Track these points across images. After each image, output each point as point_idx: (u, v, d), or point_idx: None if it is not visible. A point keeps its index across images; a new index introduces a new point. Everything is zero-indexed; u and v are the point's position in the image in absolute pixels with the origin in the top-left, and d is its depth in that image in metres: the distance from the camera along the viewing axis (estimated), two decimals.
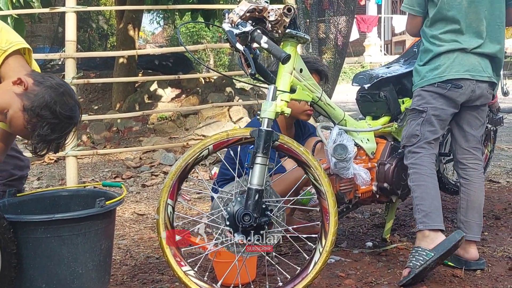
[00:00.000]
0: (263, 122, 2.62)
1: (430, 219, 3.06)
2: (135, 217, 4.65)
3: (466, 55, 3.11)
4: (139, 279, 3.20)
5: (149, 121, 8.90)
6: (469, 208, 3.23)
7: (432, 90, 3.16)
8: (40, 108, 2.36)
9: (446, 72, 3.11)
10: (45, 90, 2.39)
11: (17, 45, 2.49)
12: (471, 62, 3.11)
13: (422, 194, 3.13)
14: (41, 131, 2.38)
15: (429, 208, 3.08)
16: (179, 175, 2.61)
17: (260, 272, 3.15)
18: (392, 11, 29.03)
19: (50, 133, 2.40)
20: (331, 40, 7.97)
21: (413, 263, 2.96)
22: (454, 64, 3.11)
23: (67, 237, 2.55)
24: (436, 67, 3.15)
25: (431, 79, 3.16)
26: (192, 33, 30.03)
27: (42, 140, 2.41)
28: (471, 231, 3.19)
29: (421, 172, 3.17)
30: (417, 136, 3.20)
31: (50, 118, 2.38)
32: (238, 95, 9.55)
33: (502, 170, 5.97)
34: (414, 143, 3.21)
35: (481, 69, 3.12)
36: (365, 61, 25.09)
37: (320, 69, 3.58)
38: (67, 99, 2.45)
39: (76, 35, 5.70)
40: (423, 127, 3.19)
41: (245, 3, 2.59)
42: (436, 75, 3.14)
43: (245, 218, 2.54)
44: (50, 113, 2.38)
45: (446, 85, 3.12)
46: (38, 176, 6.55)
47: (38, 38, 19.50)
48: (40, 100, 2.36)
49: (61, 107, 2.41)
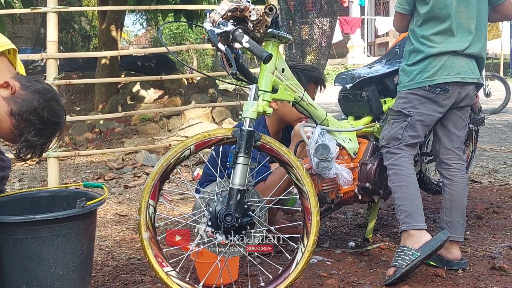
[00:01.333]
0: (245, 122, 2.62)
1: (412, 219, 3.06)
2: (117, 218, 4.62)
3: (456, 58, 3.12)
4: (121, 280, 3.18)
5: (132, 122, 8.87)
6: (453, 208, 3.23)
7: (421, 94, 3.16)
8: (28, 113, 2.33)
9: (437, 75, 3.11)
10: (32, 95, 2.36)
11: (2, 47, 2.44)
12: (461, 65, 3.12)
13: (403, 194, 3.13)
14: (27, 136, 2.35)
15: (410, 208, 3.09)
16: (160, 175, 2.60)
17: (242, 272, 3.14)
18: (375, 13, 29.13)
19: (36, 138, 2.38)
20: (314, 41, 7.98)
21: (399, 262, 2.96)
22: (445, 67, 3.11)
23: (48, 238, 2.52)
24: (426, 69, 3.15)
25: (421, 82, 3.16)
26: (176, 35, 30.01)
27: (28, 145, 2.39)
28: (454, 231, 3.20)
29: (400, 173, 3.17)
30: (398, 139, 3.21)
31: (37, 124, 2.36)
32: (221, 96, 9.55)
33: (484, 170, 6.01)
34: (394, 145, 3.22)
35: (470, 71, 3.13)
36: (348, 63, 25.15)
37: (319, 79, 3.58)
38: (54, 104, 2.43)
39: (59, 36, 5.67)
40: (406, 131, 3.20)
41: (227, 2, 2.59)
42: (427, 78, 3.13)
43: (227, 218, 2.54)
44: (37, 118, 2.35)
45: (435, 89, 3.12)
46: (20, 178, 6.51)
47: (20, 39, 19.37)
48: (28, 105, 2.33)
49: (49, 113, 2.38)
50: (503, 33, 22.36)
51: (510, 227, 3.95)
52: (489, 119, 10.24)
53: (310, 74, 3.47)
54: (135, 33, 38.02)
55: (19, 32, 19.34)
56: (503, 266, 3.16)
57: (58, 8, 5.52)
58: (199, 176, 3.68)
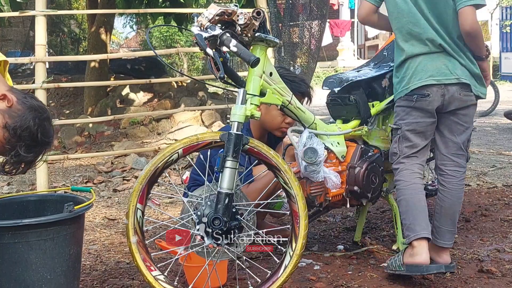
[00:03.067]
0: (233, 126, 2.63)
1: (411, 231, 3.07)
2: (106, 222, 4.61)
3: (431, 59, 3.08)
4: (109, 284, 3.18)
5: (121, 126, 8.85)
6: (443, 214, 3.20)
7: (403, 104, 3.17)
8: (22, 129, 2.30)
9: (410, 82, 3.09)
10: (28, 112, 2.33)
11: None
12: (436, 66, 3.07)
13: (403, 208, 3.17)
14: (19, 151, 2.34)
15: (409, 221, 3.10)
16: (148, 179, 2.60)
17: (231, 276, 3.15)
18: None
19: (26, 155, 2.36)
20: (304, 44, 7.99)
21: (389, 263, 3.14)
22: (417, 71, 3.08)
23: (35, 242, 2.51)
24: (403, 77, 3.15)
25: (400, 93, 3.17)
26: (166, 38, 30.00)
27: (18, 160, 2.37)
28: (442, 237, 3.17)
29: (400, 187, 3.19)
30: (395, 154, 3.24)
31: (29, 141, 2.33)
32: (211, 99, 9.55)
33: (472, 173, 6.03)
34: (394, 161, 3.24)
35: (448, 71, 3.06)
36: (338, 66, 25.21)
37: (305, 92, 3.56)
38: (47, 125, 2.41)
39: (48, 39, 5.67)
40: (400, 144, 3.21)
41: (214, 6, 2.59)
42: (403, 87, 3.13)
43: (215, 222, 2.54)
44: (29, 136, 2.32)
45: (412, 96, 3.10)
46: (8, 181, 6.47)
47: (9, 42, 19.35)
48: (23, 122, 2.31)
49: (42, 132, 2.36)
50: (492, 36, 22.49)
51: (498, 230, 3.97)
52: (478, 122, 10.29)
53: (298, 87, 3.45)
54: (125, 36, 37.94)
55: (9, 35, 19.30)
56: (491, 269, 3.18)
57: (46, 11, 5.52)
58: (188, 179, 3.67)
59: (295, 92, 3.16)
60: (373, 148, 3.53)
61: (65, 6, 19.15)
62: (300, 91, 3.47)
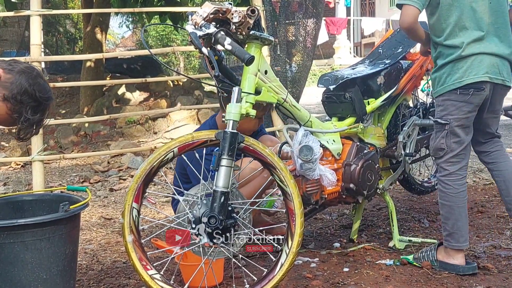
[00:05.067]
0: (228, 124, 2.62)
1: (453, 239, 3.14)
2: (103, 221, 4.61)
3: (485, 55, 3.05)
4: (106, 283, 3.17)
5: (117, 125, 8.85)
6: (508, 186, 3.26)
7: (453, 98, 3.09)
8: (20, 94, 2.35)
9: (465, 76, 3.03)
10: (19, 76, 2.38)
11: None
12: (490, 63, 3.04)
13: (446, 214, 3.18)
14: (26, 115, 2.38)
15: (451, 229, 3.14)
16: (144, 178, 2.60)
17: (227, 274, 3.15)
18: (361, 13, 29.21)
19: (33, 117, 2.41)
20: (300, 42, 7.98)
21: (420, 256, 3.27)
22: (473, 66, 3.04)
23: (31, 242, 2.51)
24: (452, 71, 3.07)
25: (450, 86, 3.08)
26: (162, 36, 29.98)
27: (29, 123, 2.42)
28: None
29: (446, 192, 3.17)
30: (442, 149, 3.17)
31: (31, 102, 2.38)
32: (207, 97, 9.54)
33: (468, 170, 5.99)
34: (441, 156, 3.18)
35: (497, 71, 3.05)
36: (335, 63, 25.16)
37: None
38: (40, 80, 2.46)
39: (44, 39, 5.67)
40: (448, 139, 3.14)
41: (208, 5, 2.59)
42: (455, 81, 3.05)
43: (211, 221, 2.54)
44: (29, 97, 2.37)
45: (468, 90, 3.04)
46: (5, 182, 6.47)
47: (5, 42, 19.30)
48: (19, 87, 2.35)
49: (39, 90, 2.41)
50: None
51: (494, 227, 3.98)
52: None
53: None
54: (121, 35, 37.90)
55: (4, 35, 19.26)
56: (487, 266, 3.18)
57: (41, 11, 5.50)
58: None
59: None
60: (369, 145, 3.54)
61: (61, 6, 19.14)
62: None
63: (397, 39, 3.95)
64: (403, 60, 3.79)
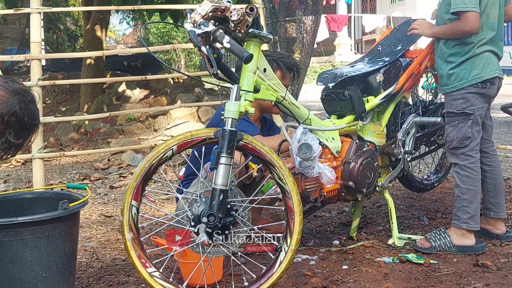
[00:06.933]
0: (227, 122, 2.63)
1: (473, 221, 3.41)
2: (103, 219, 4.61)
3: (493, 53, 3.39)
4: (105, 281, 3.18)
5: (118, 123, 8.85)
6: (498, 190, 3.59)
7: (473, 91, 3.35)
8: (9, 115, 2.30)
9: (483, 72, 3.33)
10: (13, 96, 2.33)
11: None
12: (496, 61, 3.41)
13: (471, 198, 3.41)
14: (8, 137, 2.34)
15: (474, 212, 3.41)
16: (143, 176, 2.60)
17: (226, 272, 3.15)
18: (362, 10, 29.21)
19: (15, 140, 2.36)
20: (299, 39, 7.98)
21: (437, 244, 3.42)
22: (487, 63, 3.35)
23: (30, 240, 2.52)
24: (472, 67, 3.34)
25: (470, 80, 3.34)
26: (163, 34, 29.96)
27: (8, 146, 2.37)
28: (502, 210, 3.61)
29: (474, 178, 3.42)
30: (469, 138, 3.40)
31: (16, 126, 2.34)
32: (207, 95, 9.54)
33: None
34: (467, 145, 3.40)
35: (499, 67, 3.43)
36: (335, 60, 25.12)
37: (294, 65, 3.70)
38: (33, 107, 2.42)
39: (45, 36, 5.68)
40: (473, 128, 3.40)
41: (207, 2, 2.59)
42: (475, 76, 3.33)
43: (210, 219, 2.54)
44: (16, 121, 2.33)
45: (485, 84, 3.34)
46: (5, 179, 6.47)
47: (5, 39, 19.32)
48: (9, 108, 2.30)
49: (28, 116, 2.37)
50: None
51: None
52: None
53: (288, 61, 3.64)
54: (122, 32, 37.89)
55: (5, 33, 19.28)
56: (486, 263, 3.19)
57: (41, 8, 5.51)
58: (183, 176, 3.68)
59: (282, 68, 3.24)
60: (368, 143, 3.54)
61: (61, 3, 19.13)
62: (288, 66, 3.61)
63: (397, 37, 3.95)
64: (402, 58, 3.79)
